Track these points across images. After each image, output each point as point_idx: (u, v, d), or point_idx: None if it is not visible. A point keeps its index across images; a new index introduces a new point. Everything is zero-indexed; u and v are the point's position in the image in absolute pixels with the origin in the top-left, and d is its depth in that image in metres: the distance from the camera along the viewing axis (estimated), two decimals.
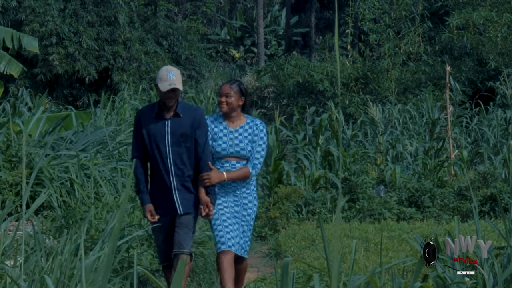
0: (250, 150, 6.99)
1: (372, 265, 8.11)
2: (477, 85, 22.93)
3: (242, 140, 7.00)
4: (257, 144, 7.03)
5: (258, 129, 7.06)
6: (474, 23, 23.56)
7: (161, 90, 6.69)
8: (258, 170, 7.03)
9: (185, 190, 6.81)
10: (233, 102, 6.99)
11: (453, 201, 12.01)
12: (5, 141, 11.01)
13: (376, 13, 24.70)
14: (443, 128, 15.35)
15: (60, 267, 5.23)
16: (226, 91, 7.00)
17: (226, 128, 7.03)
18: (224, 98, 7.00)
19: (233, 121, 7.06)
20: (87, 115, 14.18)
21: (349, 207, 11.88)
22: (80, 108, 21.74)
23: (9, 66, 14.45)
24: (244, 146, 6.99)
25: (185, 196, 6.82)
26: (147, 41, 25.27)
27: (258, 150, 7.03)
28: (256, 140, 7.04)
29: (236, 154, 6.97)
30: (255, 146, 7.02)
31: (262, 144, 7.06)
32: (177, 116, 6.79)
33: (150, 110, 6.89)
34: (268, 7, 46.01)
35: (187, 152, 6.79)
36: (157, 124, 6.79)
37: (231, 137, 7.00)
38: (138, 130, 6.86)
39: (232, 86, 7.04)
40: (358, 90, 23.70)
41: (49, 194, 9.75)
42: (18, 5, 23.48)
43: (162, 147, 6.77)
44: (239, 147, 6.98)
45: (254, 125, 7.07)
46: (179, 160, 6.78)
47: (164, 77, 6.73)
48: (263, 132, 7.09)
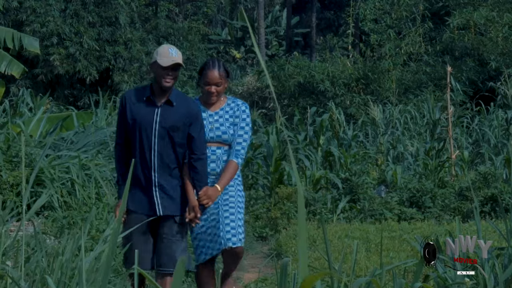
0: (232, 134, 6.22)
1: (373, 266, 8.11)
2: (478, 86, 22.92)
3: (222, 123, 6.25)
4: (239, 127, 6.25)
5: (239, 109, 6.29)
6: (475, 23, 23.55)
7: (162, 65, 5.88)
8: (243, 157, 6.27)
9: (168, 189, 6.00)
10: (222, 90, 6.29)
11: (454, 202, 12.01)
12: (6, 141, 11.01)
13: (377, 14, 24.69)
14: (444, 128, 15.35)
15: (61, 267, 5.23)
16: (216, 79, 6.22)
17: (204, 111, 6.26)
18: (214, 88, 6.24)
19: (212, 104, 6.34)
20: (88, 116, 14.18)
21: (350, 208, 11.88)
22: (81, 109, 21.75)
23: (10, 67, 14.45)
24: (226, 130, 6.23)
25: (166, 196, 6.01)
26: (148, 41, 25.27)
27: (240, 133, 6.24)
28: (238, 122, 6.26)
29: (217, 139, 6.22)
30: (236, 130, 6.24)
31: (245, 126, 6.28)
32: (170, 104, 5.98)
33: (139, 93, 6.06)
34: (269, 8, 46.01)
35: (175, 147, 6.00)
36: (145, 109, 5.98)
37: (210, 120, 6.25)
38: (122, 114, 6.06)
39: (220, 71, 6.23)
40: (359, 90, 23.69)
41: (50, 194, 9.75)
42: (19, 6, 23.49)
43: (146, 137, 5.97)
44: (220, 131, 6.23)
45: (236, 105, 6.31)
46: (165, 154, 5.97)
47: (165, 53, 5.96)
48: (246, 113, 6.31)
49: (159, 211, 5.98)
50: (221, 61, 6.39)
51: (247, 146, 6.30)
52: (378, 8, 24.68)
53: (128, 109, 6.01)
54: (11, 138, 11.05)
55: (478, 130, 18.34)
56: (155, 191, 5.99)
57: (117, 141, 6.15)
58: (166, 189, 6.00)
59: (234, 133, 6.24)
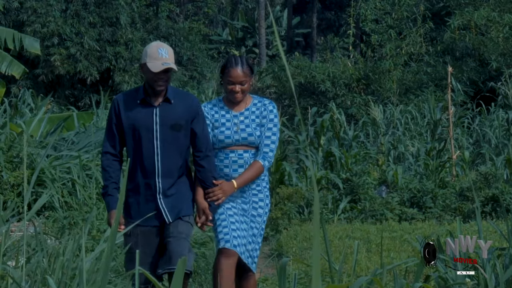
0: (259, 136, 5.77)
1: (374, 266, 8.11)
2: (479, 86, 22.91)
3: (248, 124, 5.78)
4: (266, 128, 5.78)
5: (267, 109, 5.81)
6: (475, 24, 23.54)
7: (152, 71, 5.43)
8: (271, 160, 5.80)
9: (173, 194, 5.57)
10: (248, 89, 5.83)
11: (454, 202, 12.01)
12: (6, 141, 11.01)
13: (377, 14, 24.68)
14: (444, 128, 15.34)
15: (62, 267, 5.23)
16: (240, 78, 5.75)
17: (228, 112, 5.84)
18: (239, 87, 5.78)
19: (238, 104, 5.88)
20: (88, 116, 14.18)
21: (351, 208, 11.88)
22: (81, 109, 21.75)
23: (10, 67, 14.45)
24: (252, 131, 5.77)
25: (172, 201, 5.56)
26: (149, 41, 25.23)
27: (268, 135, 5.77)
28: (265, 123, 5.79)
29: (243, 142, 5.77)
30: (264, 131, 5.78)
31: (273, 127, 5.79)
32: (168, 102, 5.57)
33: (132, 96, 5.60)
34: (270, 8, 45.98)
35: (179, 148, 5.57)
36: (142, 112, 5.52)
37: (235, 121, 5.80)
38: (115, 120, 5.58)
39: (244, 69, 5.78)
40: (359, 90, 23.69)
41: (51, 194, 9.75)
42: (19, 6, 23.49)
43: (147, 141, 5.52)
44: (245, 133, 5.77)
45: (262, 105, 5.84)
46: (169, 157, 5.53)
47: (154, 55, 5.47)
48: (273, 113, 5.83)
49: (168, 219, 5.54)
50: (244, 57, 5.93)
51: (275, 148, 5.82)
52: (378, 9, 24.67)
53: (123, 114, 5.55)
54: (12, 139, 11.06)
55: (479, 130, 18.33)
56: (160, 199, 5.55)
57: (105, 149, 5.64)
58: (171, 195, 5.57)
59: (261, 134, 5.79)
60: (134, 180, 5.56)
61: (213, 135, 5.82)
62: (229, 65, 5.79)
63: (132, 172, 5.56)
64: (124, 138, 5.58)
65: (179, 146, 5.57)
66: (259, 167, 5.73)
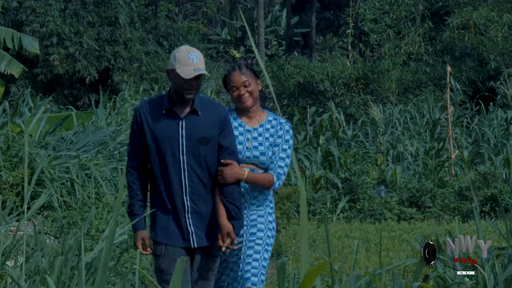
0: (270, 157, 5.37)
1: (373, 266, 8.12)
2: (478, 85, 22.92)
3: (262, 143, 5.39)
4: (281, 149, 5.39)
5: (283, 129, 5.42)
6: (474, 23, 23.54)
7: (183, 78, 4.94)
8: (281, 183, 5.41)
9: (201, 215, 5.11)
10: (255, 90, 5.40)
11: (453, 201, 12.01)
12: (5, 141, 11.01)
13: (376, 14, 24.69)
14: (443, 128, 15.35)
15: (60, 267, 5.23)
16: (242, 79, 5.35)
17: (241, 125, 5.42)
18: (244, 89, 5.36)
19: (251, 117, 5.45)
20: (87, 116, 14.17)
21: (350, 207, 11.88)
22: (80, 108, 21.75)
23: (9, 67, 14.44)
24: (264, 150, 5.37)
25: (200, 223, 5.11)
26: (148, 41, 25.27)
27: (282, 156, 5.37)
28: (280, 143, 5.40)
29: (253, 160, 5.36)
30: (277, 151, 5.39)
31: (287, 149, 5.40)
32: (195, 113, 5.06)
33: (156, 105, 5.12)
34: (269, 8, 46.01)
35: (207, 163, 5.08)
36: (167, 124, 5.05)
37: (248, 137, 5.39)
38: (137, 132, 5.13)
39: (243, 71, 5.40)
40: (358, 90, 23.69)
41: (50, 194, 9.75)
42: (18, 6, 23.49)
43: (172, 155, 5.04)
44: (257, 151, 5.37)
45: (278, 123, 5.45)
46: (197, 173, 5.06)
47: (184, 60, 4.98)
48: (290, 133, 5.45)
49: (193, 243, 5.10)
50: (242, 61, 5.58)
51: (286, 172, 5.42)
52: (377, 8, 24.67)
53: (146, 125, 5.08)
54: (11, 138, 11.05)
55: (477, 130, 18.34)
56: (188, 219, 5.08)
57: (131, 164, 5.17)
58: (200, 215, 5.11)
59: (274, 155, 5.38)
60: (161, 198, 5.11)
61: None
62: (228, 74, 5.48)
63: (158, 189, 5.11)
64: (147, 151, 5.12)
65: (207, 161, 5.08)
66: (271, 180, 5.32)
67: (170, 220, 5.10)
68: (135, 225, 5.13)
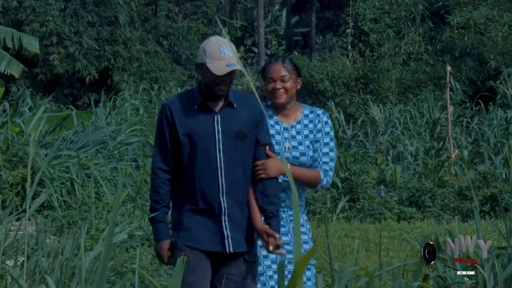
0: (312, 156, 4.91)
1: (373, 265, 8.12)
2: (478, 85, 22.92)
3: (301, 141, 4.93)
4: (323, 143, 4.93)
5: (321, 121, 4.97)
6: (475, 23, 23.54)
7: (215, 74, 4.54)
8: (330, 181, 4.93)
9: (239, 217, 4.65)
10: (292, 88, 4.96)
11: (453, 201, 12.01)
12: (5, 141, 11.02)
13: (376, 13, 24.69)
14: (443, 128, 15.35)
15: (60, 267, 5.23)
16: (281, 72, 4.93)
17: (278, 123, 4.97)
18: (281, 84, 4.92)
19: (287, 115, 5.00)
20: (87, 115, 14.17)
21: (350, 207, 11.88)
22: (80, 108, 21.75)
23: (9, 66, 14.44)
24: (305, 150, 4.91)
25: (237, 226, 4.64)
26: (148, 41, 25.28)
27: (325, 151, 4.92)
28: (320, 138, 4.94)
29: (293, 161, 4.89)
30: (320, 147, 4.93)
31: (330, 142, 4.95)
32: (230, 106, 4.68)
33: (186, 101, 4.71)
34: (269, 7, 46.02)
35: (244, 160, 4.66)
36: (201, 119, 4.64)
37: (286, 136, 4.94)
38: (167, 130, 4.70)
39: (285, 64, 4.97)
40: (358, 90, 23.69)
41: (50, 193, 9.75)
42: (18, 5, 23.49)
43: (208, 153, 4.61)
44: (297, 151, 4.91)
45: (316, 116, 4.99)
46: (233, 171, 4.63)
47: (216, 54, 4.58)
48: (329, 125, 4.99)
49: (229, 247, 4.61)
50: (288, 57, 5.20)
51: (334, 167, 4.96)
52: (377, 8, 24.68)
53: (178, 122, 4.65)
54: (11, 138, 11.06)
55: (477, 129, 18.34)
56: (224, 221, 4.62)
57: (157, 165, 4.73)
58: (237, 218, 4.64)
59: (316, 153, 4.92)
60: (193, 199, 4.65)
61: None
62: (268, 63, 5.07)
63: (190, 191, 4.66)
64: (178, 150, 4.68)
65: (244, 158, 4.66)
66: (318, 177, 4.85)
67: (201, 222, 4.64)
68: (160, 233, 4.69)
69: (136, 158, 12.55)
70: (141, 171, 11.78)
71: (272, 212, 4.61)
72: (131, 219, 8.72)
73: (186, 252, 4.61)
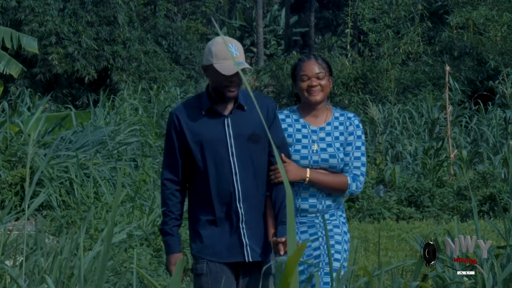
0: (342, 158, 4.66)
1: (372, 265, 8.12)
2: (477, 85, 22.92)
3: (331, 143, 4.68)
4: (355, 147, 4.69)
5: (352, 124, 4.73)
6: (474, 23, 23.55)
7: (223, 74, 4.33)
8: (360, 186, 4.70)
9: (256, 225, 4.46)
10: (328, 86, 4.73)
11: (452, 201, 12.02)
12: (4, 141, 11.01)
13: (375, 13, 24.70)
14: (442, 127, 15.35)
15: (59, 267, 5.22)
16: (316, 69, 4.67)
17: (305, 126, 4.72)
18: (317, 81, 4.67)
19: (316, 116, 4.76)
20: (86, 115, 14.17)
21: (349, 207, 11.88)
22: (79, 108, 21.74)
23: (8, 66, 14.44)
24: (334, 152, 4.66)
25: (255, 234, 4.45)
26: (147, 40, 25.27)
27: (357, 155, 4.68)
28: (352, 141, 4.70)
29: (322, 165, 4.63)
30: (352, 151, 4.69)
31: (361, 146, 4.72)
32: (241, 109, 4.48)
33: (194, 106, 4.50)
34: (268, 7, 46.02)
35: (259, 164, 4.47)
36: (210, 125, 4.44)
37: (314, 138, 4.69)
38: (176, 139, 4.49)
39: (319, 61, 4.72)
40: (357, 90, 23.70)
41: (49, 193, 9.75)
42: (17, 5, 23.47)
43: (221, 159, 4.41)
44: (326, 154, 4.65)
45: (347, 119, 4.76)
46: (248, 177, 4.43)
47: (223, 54, 4.37)
48: (360, 128, 4.76)
49: (248, 256, 4.44)
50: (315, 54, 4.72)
51: (365, 172, 4.74)
52: (376, 8, 24.68)
53: (186, 129, 4.45)
54: (10, 138, 11.05)
55: (476, 129, 18.34)
56: (242, 229, 4.42)
57: (165, 176, 4.56)
58: (255, 224, 4.45)
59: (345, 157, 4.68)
60: (208, 209, 4.46)
61: None
62: (300, 61, 4.80)
63: (205, 200, 4.47)
64: (190, 159, 4.49)
65: (259, 161, 4.46)
66: (344, 182, 4.60)
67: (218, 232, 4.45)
68: (169, 246, 4.52)
69: (135, 158, 12.55)
70: (140, 171, 11.78)
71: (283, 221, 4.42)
72: (130, 219, 8.72)
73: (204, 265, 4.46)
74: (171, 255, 4.51)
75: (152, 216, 8.76)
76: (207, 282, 4.45)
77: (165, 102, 19.27)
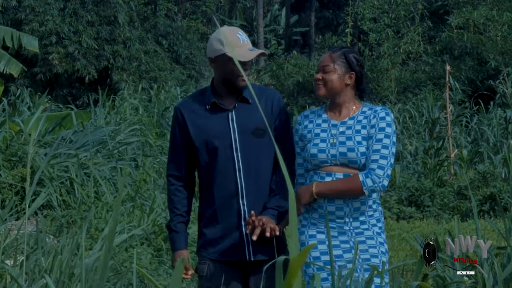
0: (363, 153, 4.28)
1: None
2: (477, 84, 22.93)
3: (350, 137, 4.32)
4: (375, 140, 4.28)
5: (376, 116, 4.34)
6: (474, 22, 23.55)
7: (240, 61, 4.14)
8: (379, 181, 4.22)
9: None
10: (333, 80, 4.40)
11: (453, 201, 12.02)
12: (4, 140, 11.01)
13: (375, 13, 24.70)
14: (443, 127, 15.34)
15: (60, 266, 5.23)
16: (324, 62, 4.42)
17: (326, 121, 4.44)
18: (321, 75, 4.42)
19: (339, 111, 4.45)
20: (87, 115, 14.17)
21: None
22: (80, 108, 21.75)
23: (9, 66, 14.44)
24: (354, 145, 4.30)
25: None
26: (147, 40, 25.27)
27: (376, 148, 4.25)
28: (374, 134, 4.30)
29: (341, 159, 4.30)
30: (372, 143, 4.28)
31: (384, 138, 4.28)
32: (245, 102, 4.35)
33: (197, 101, 4.40)
34: (268, 7, 46.02)
35: (265, 159, 4.33)
36: (214, 119, 4.32)
37: (333, 132, 4.38)
38: (179, 134, 4.40)
39: (334, 55, 4.42)
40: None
41: (49, 193, 9.75)
42: (18, 5, 23.48)
43: (225, 154, 4.30)
44: (344, 147, 4.31)
45: (372, 112, 4.37)
46: (252, 173, 4.31)
47: (235, 42, 4.25)
48: (386, 121, 4.33)
49: (249, 255, 4.32)
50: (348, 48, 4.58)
51: (387, 166, 4.25)
52: (376, 7, 24.68)
53: (190, 125, 4.36)
54: (10, 137, 11.06)
55: (477, 129, 18.34)
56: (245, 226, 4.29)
57: (170, 171, 4.47)
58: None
59: (367, 151, 4.29)
60: (212, 206, 4.36)
61: (305, 149, 4.39)
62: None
63: (209, 197, 4.37)
64: (194, 154, 4.40)
65: (264, 157, 4.32)
66: (356, 182, 4.21)
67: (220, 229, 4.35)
68: (174, 243, 4.42)
69: (135, 157, 12.56)
70: (141, 170, 11.78)
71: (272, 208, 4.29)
72: (130, 219, 8.72)
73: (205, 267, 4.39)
74: (176, 252, 4.41)
75: (153, 216, 8.77)
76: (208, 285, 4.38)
77: (166, 101, 19.28)
